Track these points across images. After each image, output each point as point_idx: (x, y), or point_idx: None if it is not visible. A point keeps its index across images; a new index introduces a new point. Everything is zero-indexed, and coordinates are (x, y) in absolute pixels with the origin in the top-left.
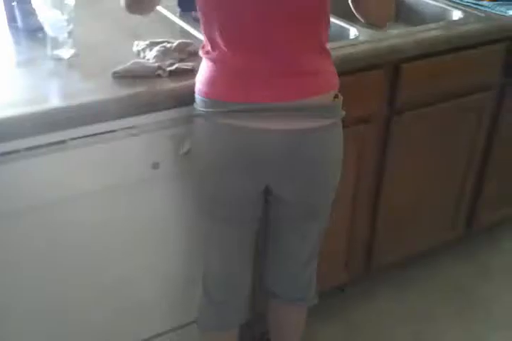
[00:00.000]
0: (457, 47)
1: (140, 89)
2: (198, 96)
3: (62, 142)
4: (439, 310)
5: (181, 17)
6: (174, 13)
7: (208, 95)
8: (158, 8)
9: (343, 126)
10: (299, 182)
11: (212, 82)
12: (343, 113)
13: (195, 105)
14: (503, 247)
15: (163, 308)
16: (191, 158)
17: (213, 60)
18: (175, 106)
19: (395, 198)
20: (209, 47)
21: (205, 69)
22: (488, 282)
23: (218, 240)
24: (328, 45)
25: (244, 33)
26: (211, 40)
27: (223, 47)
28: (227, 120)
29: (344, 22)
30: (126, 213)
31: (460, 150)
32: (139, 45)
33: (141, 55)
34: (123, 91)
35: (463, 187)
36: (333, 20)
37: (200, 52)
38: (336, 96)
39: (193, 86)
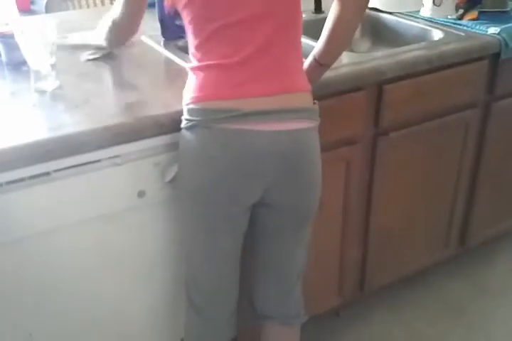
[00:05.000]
0: (439, 66)
1: (123, 118)
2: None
3: (47, 174)
4: (434, 330)
5: (165, 46)
6: (158, 43)
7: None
8: (143, 37)
9: (329, 149)
10: (295, 183)
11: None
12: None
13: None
14: (496, 264)
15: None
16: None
17: (210, 67)
18: (158, 134)
19: (385, 219)
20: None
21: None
22: (484, 300)
23: (212, 251)
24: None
25: (239, 35)
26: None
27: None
28: (226, 125)
29: None
30: (113, 242)
31: (449, 168)
32: None
33: None
34: (106, 121)
35: (454, 204)
36: (311, 43)
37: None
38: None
39: (174, 113)
